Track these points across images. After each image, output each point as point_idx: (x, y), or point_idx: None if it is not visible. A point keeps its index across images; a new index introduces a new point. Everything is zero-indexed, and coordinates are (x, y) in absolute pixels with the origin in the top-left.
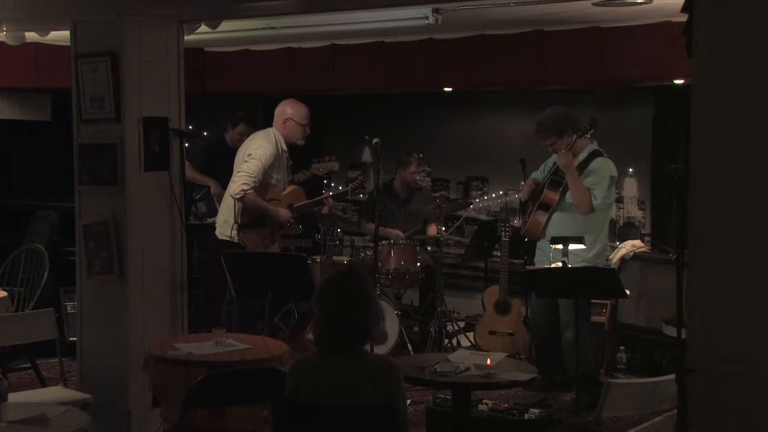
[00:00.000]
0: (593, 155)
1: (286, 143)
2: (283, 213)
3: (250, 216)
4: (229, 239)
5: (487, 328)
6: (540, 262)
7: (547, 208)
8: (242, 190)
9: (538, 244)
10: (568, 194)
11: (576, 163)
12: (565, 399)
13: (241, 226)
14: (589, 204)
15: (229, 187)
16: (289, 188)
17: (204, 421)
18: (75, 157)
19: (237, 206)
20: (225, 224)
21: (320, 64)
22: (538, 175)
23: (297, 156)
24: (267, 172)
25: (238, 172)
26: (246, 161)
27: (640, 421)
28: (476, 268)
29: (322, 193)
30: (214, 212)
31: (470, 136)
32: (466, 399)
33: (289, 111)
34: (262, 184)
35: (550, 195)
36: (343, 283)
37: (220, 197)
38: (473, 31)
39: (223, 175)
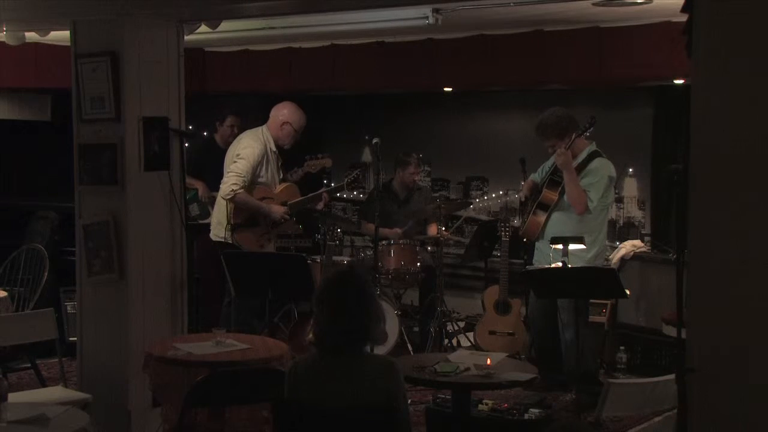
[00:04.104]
0: (592, 156)
1: (275, 144)
2: (277, 210)
3: (244, 216)
4: (223, 240)
5: (487, 328)
6: (539, 263)
7: (545, 208)
8: (232, 190)
9: (537, 244)
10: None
11: (575, 163)
12: (565, 399)
13: (235, 227)
14: (584, 204)
15: (220, 188)
16: (282, 186)
17: (204, 421)
18: (75, 157)
19: (229, 207)
20: (218, 225)
21: (320, 64)
22: (537, 177)
23: (292, 154)
24: (255, 171)
25: (228, 172)
26: (235, 161)
27: (640, 421)
28: (476, 268)
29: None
30: (206, 214)
31: (470, 136)
32: (466, 399)
33: (288, 116)
34: (252, 184)
35: (549, 195)
36: (344, 283)
37: (207, 199)
38: (473, 31)
39: (214, 176)
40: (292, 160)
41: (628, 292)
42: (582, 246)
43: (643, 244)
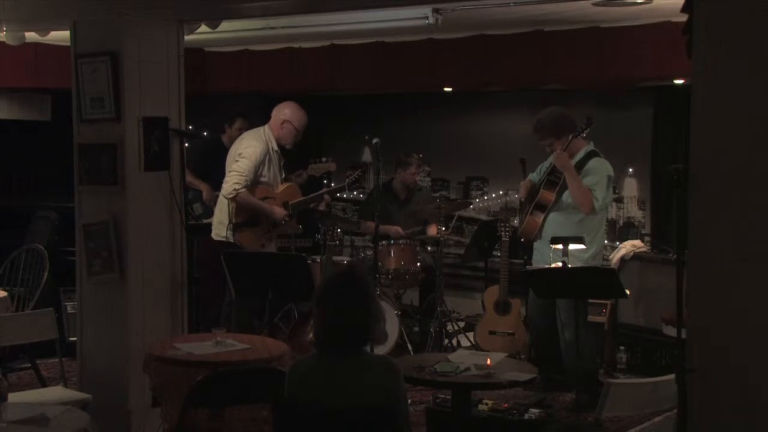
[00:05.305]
0: (590, 155)
1: (277, 144)
2: (278, 210)
3: (245, 216)
4: (224, 240)
5: (487, 328)
6: (537, 263)
7: (543, 208)
8: (234, 189)
9: (536, 244)
10: (565, 194)
11: (573, 163)
12: (565, 399)
13: (237, 226)
14: (591, 204)
15: (222, 187)
16: (284, 186)
17: (204, 421)
18: (75, 157)
19: (231, 206)
20: (220, 225)
21: (320, 64)
22: (534, 177)
23: (296, 157)
24: (257, 171)
25: (230, 171)
26: (237, 161)
27: (640, 421)
28: (476, 268)
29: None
30: (209, 213)
31: (470, 136)
32: (466, 399)
33: (290, 114)
34: (254, 183)
35: (547, 195)
36: (344, 283)
37: (211, 201)
38: (473, 31)
39: (219, 177)
40: (297, 163)
41: (628, 292)
42: (582, 246)
43: (642, 244)
